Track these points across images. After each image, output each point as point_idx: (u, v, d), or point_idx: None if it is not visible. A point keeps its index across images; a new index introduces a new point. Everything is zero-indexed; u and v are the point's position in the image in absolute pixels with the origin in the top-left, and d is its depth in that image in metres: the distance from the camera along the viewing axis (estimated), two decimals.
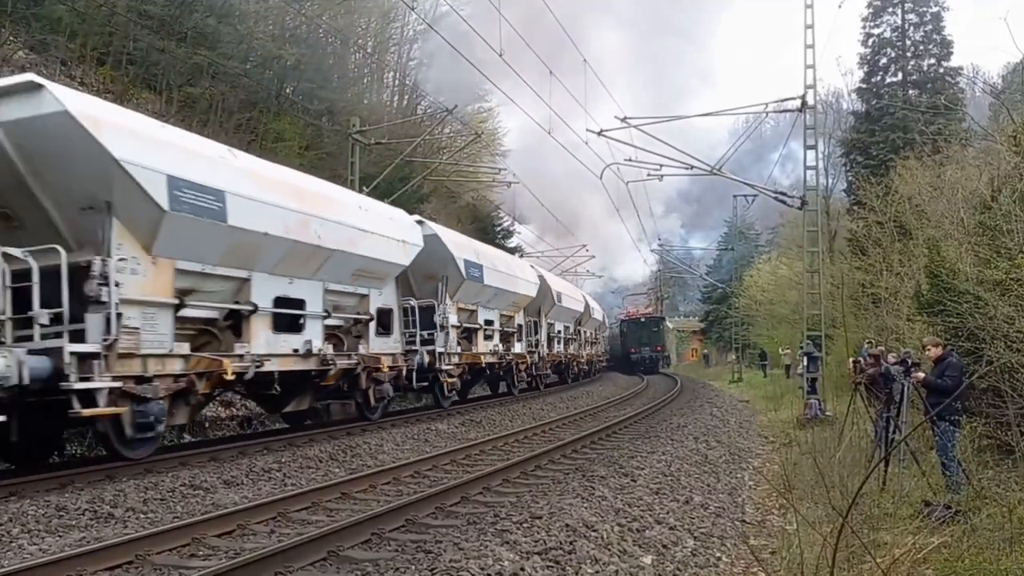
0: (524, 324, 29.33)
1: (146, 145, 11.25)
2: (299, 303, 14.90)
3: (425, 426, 17.68)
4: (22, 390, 9.83)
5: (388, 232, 17.43)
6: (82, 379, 10.24)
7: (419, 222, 20.17)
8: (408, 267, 18.54)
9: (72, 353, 10.18)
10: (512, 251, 49.51)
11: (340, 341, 16.77)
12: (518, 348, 28.18)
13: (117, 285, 10.73)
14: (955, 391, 10.11)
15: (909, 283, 18.25)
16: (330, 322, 16.08)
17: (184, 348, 12.30)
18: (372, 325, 17.44)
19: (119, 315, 10.71)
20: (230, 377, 12.68)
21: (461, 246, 22.69)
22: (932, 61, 36.95)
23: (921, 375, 10.76)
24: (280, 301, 14.34)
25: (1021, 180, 13.16)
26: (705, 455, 14.15)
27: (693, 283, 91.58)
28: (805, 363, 22.42)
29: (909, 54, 37.15)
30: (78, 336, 10.45)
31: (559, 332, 36.35)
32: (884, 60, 37.56)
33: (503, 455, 14.30)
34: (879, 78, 37.76)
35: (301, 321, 14.96)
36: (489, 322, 25.17)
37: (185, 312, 12.36)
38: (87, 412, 10.32)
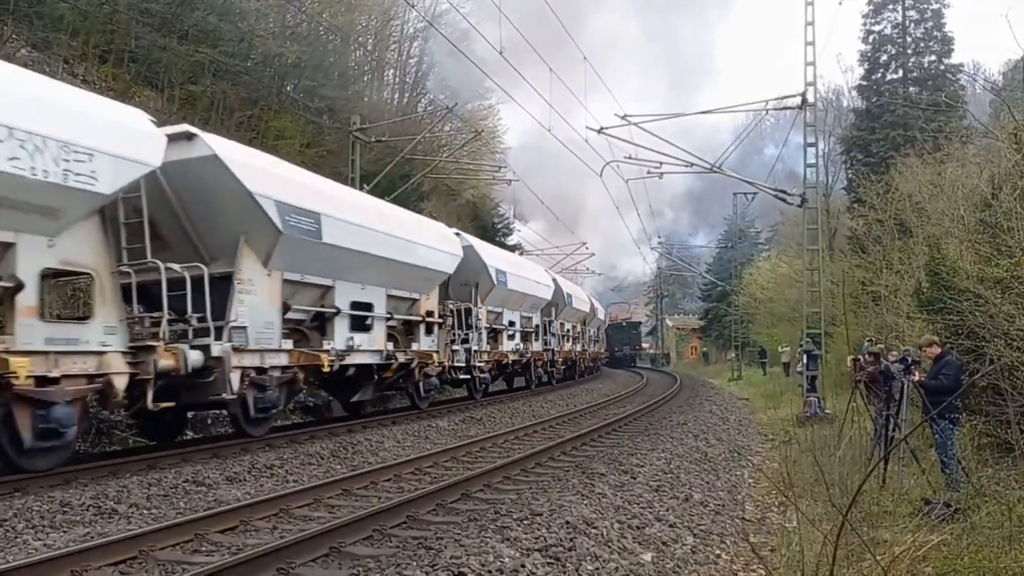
0: (540, 324, 31.84)
1: (264, 178, 13.66)
2: (369, 306, 17.13)
3: (426, 423, 17.72)
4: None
5: (436, 244, 19.85)
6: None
7: (456, 234, 22.62)
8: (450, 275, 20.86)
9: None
10: (512, 249, 50.46)
11: (396, 340, 18.74)
12: (536, 346, 30.87)
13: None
14: (950, 389, 10.15)
15: (909, 281, 18.26)
16: (391, 323, 18.24)
17: (289, 344, 14.56)
18: (422, 326, 19.64)
19: None
20: (327, 368, 15.17)
21: (493, 255, 25.73)
22: (933, 58, 36.97)
23: (916, 376, 10.79)
24: (355, 305, 16.55)
25: (1022, 178, 13.18)
26: (705, 452, 14.18)
27: (693, 281, 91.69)
28: (805, 361, 22.44)
29: (910, 51, 37.16)
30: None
31: (568, 331, 38.88)
32: (885, 57, 37.58)
33: (503, 452, 14.34)
34: (880, 75, 37.78)
35: (369, 322, 17.13)
36: (512, 323, 27.84)
37: (289, 315, 14.59)
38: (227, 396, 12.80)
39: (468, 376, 23.17)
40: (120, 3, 23.57)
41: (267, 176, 13.83)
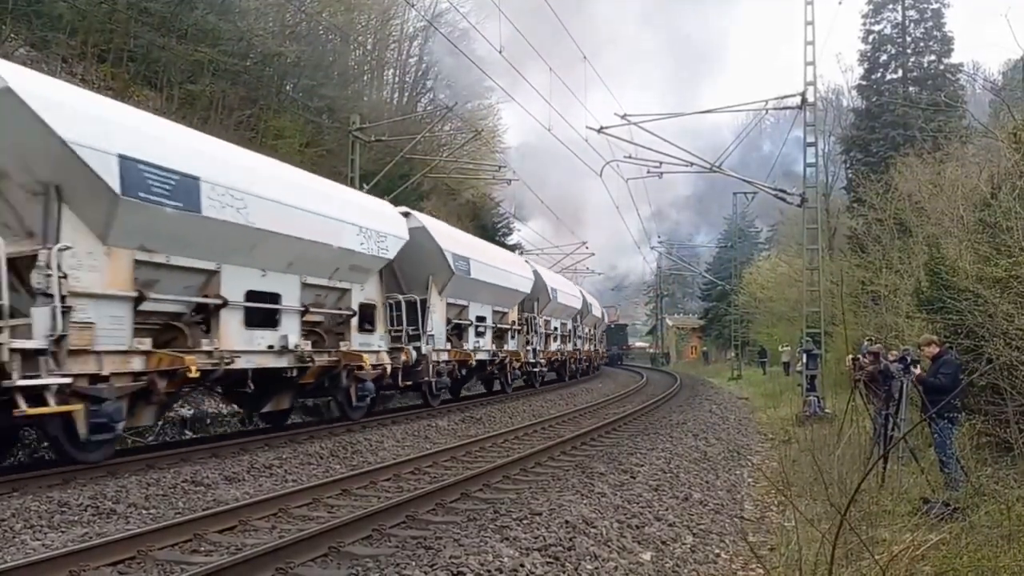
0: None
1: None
2: (274, 297, 14.39)
3: (425, 423, 17.72)
4: None
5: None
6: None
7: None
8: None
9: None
10: (512, 248, 49.70)
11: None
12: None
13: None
14: (947, 388, 10.15)
15: (909, 280, 18.26)
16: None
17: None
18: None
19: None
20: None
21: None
22: (932, 58, 37.01)
23: (918, 370, 10.79)
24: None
25: (1021, 177, 13.17)
26: (704, 452, 14.18)
27: (693, 280, 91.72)
28: (804, 360, 22.43)
29: (909, 51, 37.19)
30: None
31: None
32: (884, 57, 37.61)
33: (503, 452, 14.34)
34: (879, 75, 37.81)
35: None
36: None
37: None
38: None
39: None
40: (119, 2, 23.57)
41: (451, 239, 21.45)
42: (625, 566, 7.09)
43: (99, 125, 10.64)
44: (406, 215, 19.86)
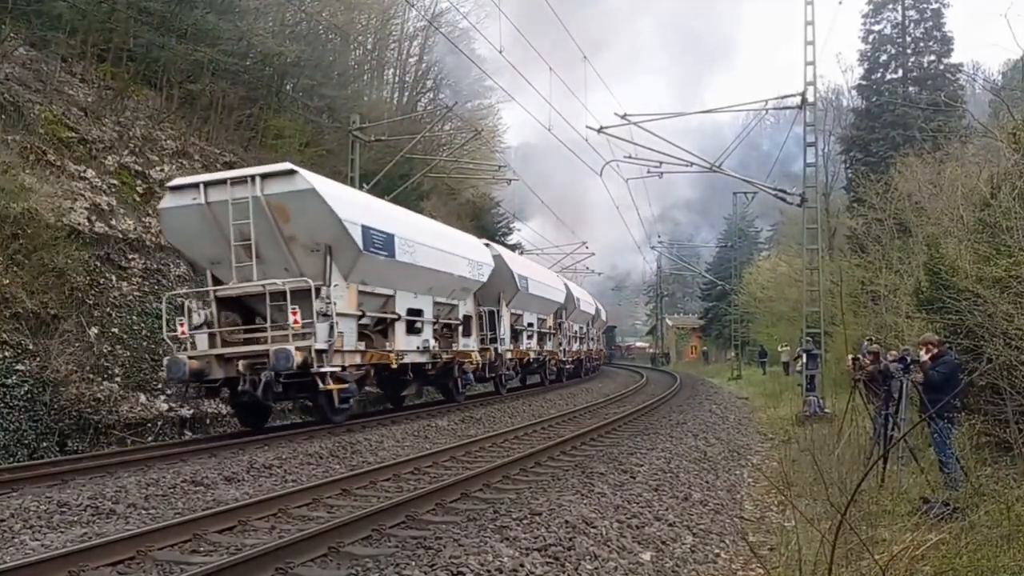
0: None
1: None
2: (420, 312, 19.64)
3: (425, 423, 17.72)
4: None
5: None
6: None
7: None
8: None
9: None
10: (512, 248, 49.21)
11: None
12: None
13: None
14: (938, 385, 10.17)
15: (908, 280, 18.26)
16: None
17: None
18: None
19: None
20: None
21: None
22: (932, 58, 37.00)
23: (920, 376, 10.78)
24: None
25: (1021, 177, 13.17)
26: (704, 452, 14.18)
27: (693, 280, 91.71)
28: (804, 360, 22.43)
29: (909, 51, 37.19)
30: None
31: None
32: (884, 57, 37.61)
33: (503, 452, 14.32)
34: (879, 75, 37.82)
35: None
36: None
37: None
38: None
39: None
40: (119, 1, 23.56)
41: (518, 263, 27.06)
42: (625, 566, 7.09)
43: (354, 207, 16.27)
44: (487, 245, 25.26)
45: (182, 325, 15.23)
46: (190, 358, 14.78)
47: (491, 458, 13.41)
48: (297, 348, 14.56)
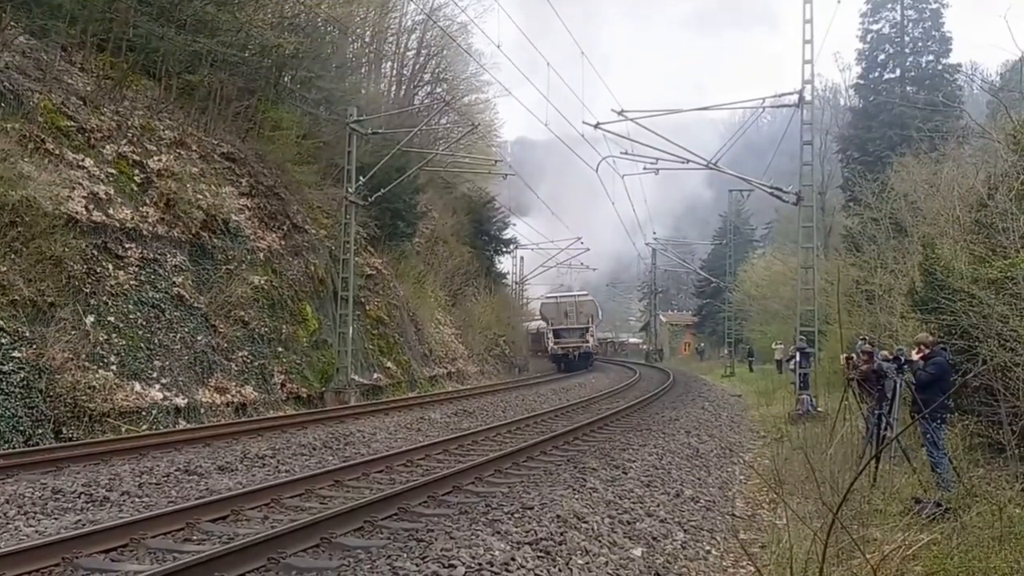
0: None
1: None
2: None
3: (418, 415, 17.74)
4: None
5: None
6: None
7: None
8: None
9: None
10: (508, 243, 54.99)
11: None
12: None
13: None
14: (926, 384, 10.19)
15: (903, 280, 18.28)
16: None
17: None
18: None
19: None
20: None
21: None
22: (930, 58, 37.02)
23: (916, 356, 10.79)
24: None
25: (1018, 178, 13.21)
26: (696, 449, 14.21)
27: (688, 277, 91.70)
28: (797, 359, 22.45)
29: (907, 50, 37.21)
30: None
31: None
32: (882, 56, 37.62)
33: (495, 445, 14.35)
34: (877, 74, 37.84)
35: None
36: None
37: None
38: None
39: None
40: None
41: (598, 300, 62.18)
42: (616, 561, 7.11)
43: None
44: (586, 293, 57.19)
45: None
46: None
47: (483, 451, 13.44)
48: None
